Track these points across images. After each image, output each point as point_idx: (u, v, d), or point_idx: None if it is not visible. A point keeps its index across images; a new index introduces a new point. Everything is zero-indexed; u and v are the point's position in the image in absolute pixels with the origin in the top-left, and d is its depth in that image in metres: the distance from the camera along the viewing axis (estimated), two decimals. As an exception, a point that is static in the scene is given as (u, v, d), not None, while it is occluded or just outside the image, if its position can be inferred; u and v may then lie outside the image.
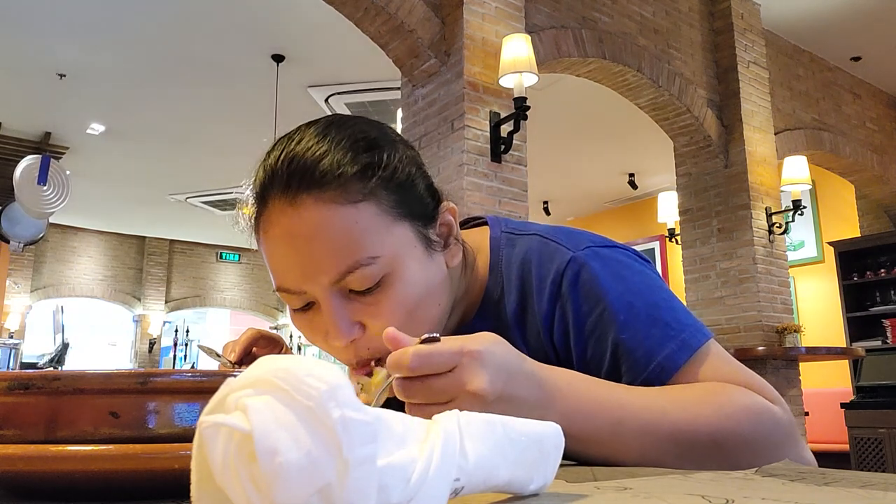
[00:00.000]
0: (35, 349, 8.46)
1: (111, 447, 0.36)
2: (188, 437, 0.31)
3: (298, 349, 11.69)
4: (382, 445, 0.29)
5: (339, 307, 0.62)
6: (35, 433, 0.41)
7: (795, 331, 4.33)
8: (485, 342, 0.52)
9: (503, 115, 3.30)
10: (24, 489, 0.40)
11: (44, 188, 5.76)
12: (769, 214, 4.57)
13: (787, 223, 4.56)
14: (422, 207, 0.67)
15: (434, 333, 0.52)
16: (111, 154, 7.36)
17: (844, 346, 5.54)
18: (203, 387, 0.42)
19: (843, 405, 4.82)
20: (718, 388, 0.62)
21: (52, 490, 0.39)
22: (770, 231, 4.55)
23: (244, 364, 0.84)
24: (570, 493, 0.41)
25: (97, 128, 6.65)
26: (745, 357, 3.93)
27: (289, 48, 5.15)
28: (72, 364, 7.72)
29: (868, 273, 6.04)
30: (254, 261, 12.43)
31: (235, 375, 0.29)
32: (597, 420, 0.57)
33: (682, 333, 0.65)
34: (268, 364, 0.28)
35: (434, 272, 0.67)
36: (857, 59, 5.72)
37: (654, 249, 8.02)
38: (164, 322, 11.25)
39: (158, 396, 0.42)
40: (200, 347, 0.93)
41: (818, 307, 6.62)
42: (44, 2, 4.54)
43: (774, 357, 4.14)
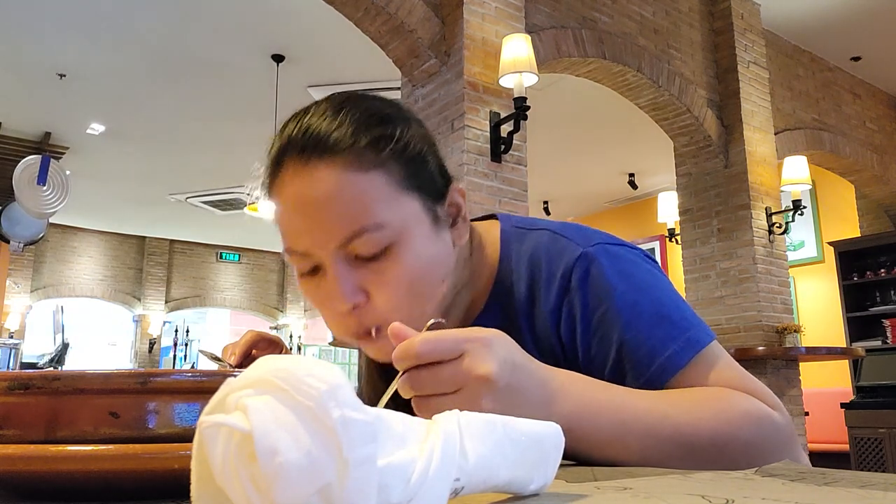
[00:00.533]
0: (35, 349, 8.46)
1: (111, 447, 0.36)
2: (188, 437, 0.31)
3: (298, 349, 11.69)
4: (382, 445, 0.29)
5: (345, 272, 0.64)
6: (35, 433, 0.41)
7: (795, 331, 4.33)
8: (490, 331, 0.53)
9: (503, 115, 3.31)
10: (24, 489, 0.40)
11: (44, 188, 5.76)
12: (769, 214, 4.57)
13: (787, 223, 4.56)
14: (432, 184, 0.68)
15: (440, 319, 0.52)
16: (111, 154, 7.36)
17: (844, 346, 5.54)
18: (203, 387, 0.42)
19: (843, 405, 4.82)
20: (720, 393, 0.63)
21: (52, 490, 0.39)
22: (770, 231, 4.55)
23: (244, 367, 0.84)
24: (570, 493, 0.41)
25: (97, 128, 6.65)
26: (745, 357, 3.93)
27: (289, 48, 5.15)
28: (72, 364, 7.72)
29: (868, 273, 6.04)
30: (254, 261, 12.44)
31: (235, 375, 0.29)
32: (600, 420, 0.57)
33: (687, 333, 0.66)
34: (268, 364, 0.28)
35: (440, 248, 0.68)
36: (857, 59, 5.73)
37: (654, 249, 8.02)
38: (164, 322, 11.25)
39: (158, 396, 0.42)
40: (201, 352, 0.93)
41: (818, 307, 6.62)
42: (44, 2, 4.54)
43: (774, 357, 4.14)
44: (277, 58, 5.25)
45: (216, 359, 0.88)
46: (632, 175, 7.75)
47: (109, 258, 10.97)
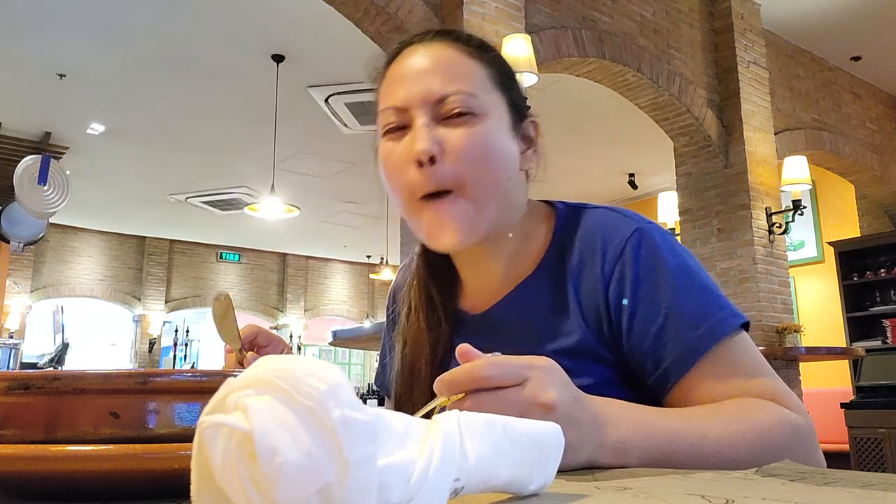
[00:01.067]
0: (35, 349, 8.45)
1: (111, 447, 0.36)
2: (188, 437, 0.31)
3: (298, 349, 11.69)
4: (383, 445, 0.29)
5: (431, 126, 0.72)
6: (35, 433, 0.41)
7: (795, 331, 4.33)
8: (548, 360, 0.55)
9: (503, 115, 3.30)
10: (24, 489, 0.40)
11: (44, 188, 5.76)
12: (769, 214, 4.57)
13: (787, 223, 4.56)
14: (518, 100, 0.80)
15: (497, 353, 0.54)
16: (111, 154, 7.36)
17: (844, 346, 5.54)
18: (203, 387, 0.42)
19: (843, 405, 4.82)
20: (751, 405, 0.66)
21: (52, 490, 0.39)
22: (770, 231, 4.55)
23: (245, 349, 0.84)
24: (570, 493, 0.41)
25: (97, 128, 6.65)
26: (745, 357, 3.92)
27: (289, 48, 5.15)
28: (72, 364, 7.72)
29: (868, 273, 6.04)
30: (254, 261, 12.44)
31: (235, 375, 0.29)
32: (648, 443, 0.58)
33: (732, 307, 0.71)
34: (268, 364, 0.28)
35: (511, 149, 0.77)
36: (857, 59, 5.73)
37: (654, 249, 8.02)
38: (164, 322, 11.25)
39: (158, 396, 0.42)
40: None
41: (818, 307, 6.62)
42: (44, 2, 4.54)
43: (774, 357, 4.14)
44: (277, 58, 5.25)
45: (223, 307, 0.85)
46: (632, 175, 7.75)
47: (109, 258, 10.97)
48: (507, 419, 0.39)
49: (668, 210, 5.19)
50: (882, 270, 5.96)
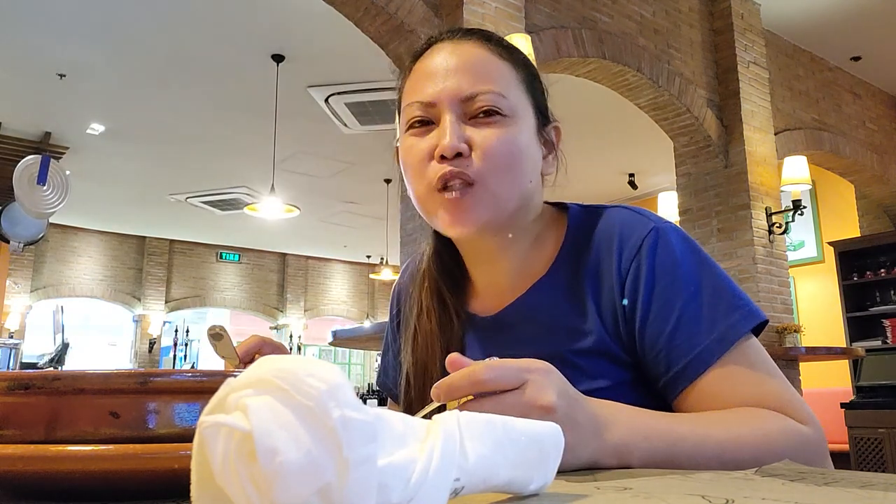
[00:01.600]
0: (35, 349, 8.45)
1: (111, 447, 0.36)
2: (188, 437, 0.31)
3: (298, 349, 11.69)
4: (382, 445, 0.29)
5: (459, 123, 0.73)
6: (35, 433, 0.41)
7: (795, 331, 4.33)
8: (546, 364, 0.55)
9: (503, 115, 3.30)
10: (24, 489, 0.40)
11: (44, 188, 5.76)
12: (769, 214, 4.57)
13: (787, 223, 4.56)
14: (543, 103, 0.80)
15: (494, 357, 0.54)
16: (111, 154, 7.36)
17: (844, 346, 5.54)
18: (203, 387, 0.42)
19: (843, 405, 4.82)
20: (754, 412, 0.65)
21: (52, 490, 0.39)
22: (770, 231, 4.55)
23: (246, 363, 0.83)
24: (570, 494, 0.41)
25: (97, 128, 6.65)
26: (745, 357, 3.92)
27: (289, 48, 5.15)
28: (72, 364, 7.72)
29: (868, 273, 6.04)
30: (254, 261, 12.43)
31: (235, 375, 0.29)
32: (649, 444, 0.58)
33: (748, 306, 0.71)
34: (268, 364, 0.28)
35: (534, 151, 0.77)
36: (857, 59, 5.73)
37: (654, 249, 8.02)
38: (164, 322, 11.25)
39: (158, 396, 0.42)
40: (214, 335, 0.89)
41: (818, 307, 6.62)
42: (44, 2, 4.54)
43: (775, 357, 4.10)
44: (277, 58, 5.25)
45: (218, 336, 0.85)
46: (632, 175, 7.74)
47: (109, 258, 10.97)
48: (507, 419, 0.39)
49: (668, 210, 5.20)
50: (882, 270, 5.96)
